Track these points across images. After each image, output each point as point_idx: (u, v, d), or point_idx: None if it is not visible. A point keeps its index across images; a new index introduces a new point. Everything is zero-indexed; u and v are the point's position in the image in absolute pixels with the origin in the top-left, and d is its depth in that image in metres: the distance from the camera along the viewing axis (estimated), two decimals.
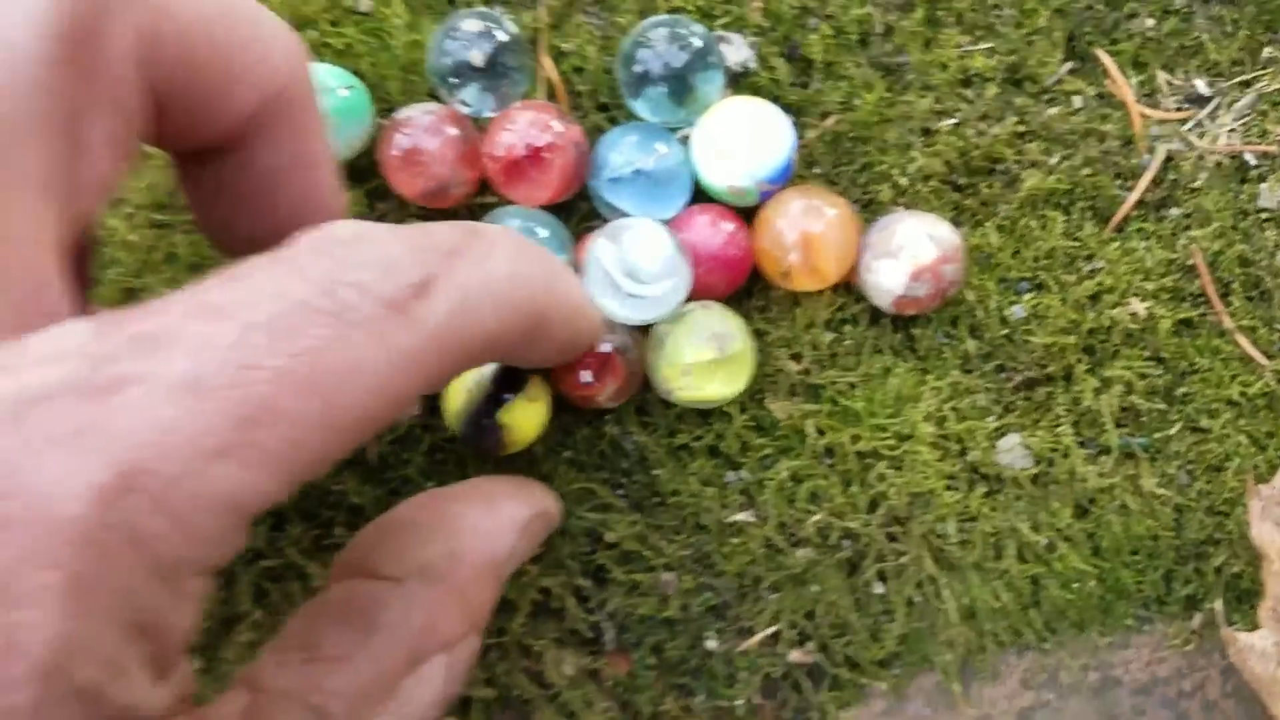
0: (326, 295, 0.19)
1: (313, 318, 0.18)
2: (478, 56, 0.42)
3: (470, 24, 0.42)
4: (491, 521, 0.31)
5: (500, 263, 0.24)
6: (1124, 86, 0.44)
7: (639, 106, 0.43)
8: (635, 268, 0.40)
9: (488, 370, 0.40)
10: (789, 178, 0.42)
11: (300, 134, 0.28)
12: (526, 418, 0.40)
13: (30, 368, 0.17)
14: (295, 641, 0.25)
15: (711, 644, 0.45)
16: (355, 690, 0.25)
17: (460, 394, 0.40)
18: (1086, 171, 0.44)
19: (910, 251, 0.41)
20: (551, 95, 0.44)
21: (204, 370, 0.17)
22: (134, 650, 0.17)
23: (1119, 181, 0.44)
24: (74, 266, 0.21)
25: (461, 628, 0.28)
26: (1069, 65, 0.44)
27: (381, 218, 0.45)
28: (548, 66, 0.44)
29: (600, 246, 0.41)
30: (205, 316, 0.18)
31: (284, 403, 0.17)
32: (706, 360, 0.41)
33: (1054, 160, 0.44)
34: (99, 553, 0.16)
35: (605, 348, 0.41)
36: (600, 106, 0.44)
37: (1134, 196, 0.44)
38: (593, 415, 0.44)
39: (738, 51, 0.43)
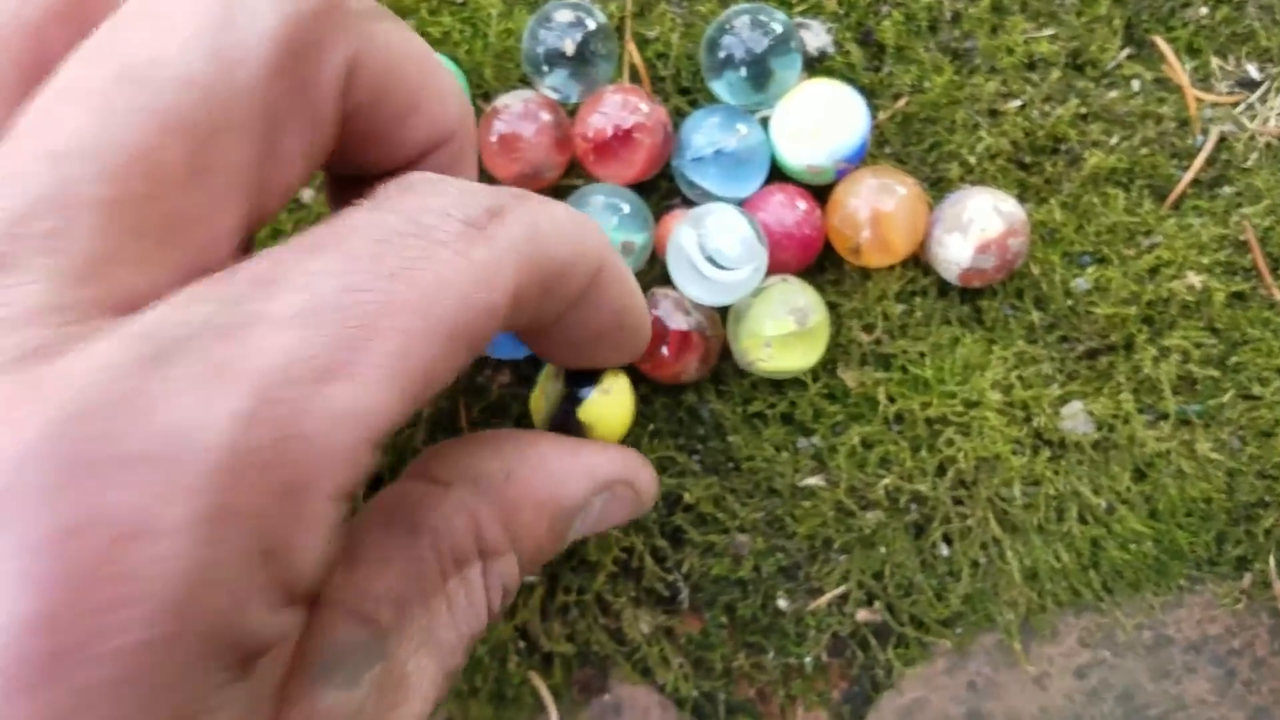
0: (413, 221, 0.20)
1: (404, 240, 0.20)
2: (569, 45, 0.44)
3: (563, 14, 0.44)
4: (565, 463, 0.31)
5: (561, 210, 0.27)
6: (1179, 71, 0.46)
7: (720, 89, 0.45)
8: (717, 253, 0.43)
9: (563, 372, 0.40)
10: (864, 157, 0.44)
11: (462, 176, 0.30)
12: (609, 412, 0.39)
13: (168, 313, 0.18)
14: (343, 547, 0.24)
15: (782, 603, 0.47)
16: (400, 593, 0.24)
17: (542, 401, 0.41)
18: (1144, 151, 0.46)
19: (978, 225, 0.43)
20: (635, 79, 0.46)
21: (314, 300, 0.18)
22: (262, 576, 0.18)
23: (1175, 161, 0.46)
24: (237, 261, 0.22)
25: (504, 543, 0.27)
26: (1127, 51, 0.46)
27: None
28: (633, 52, 0.46)
29: (683, 233, 0.43)
30: (311, 253, 0.19)
31: (386, 319, 0.19)
32: (787, 333, 0.43)
33: (1114, 140, 0.46)
34: (233, 480, 0.17)
35: (685, 326, 0.44)
36: (681, 90, 0.47)
37: (1189, 175, 0.46)
38: (672, 386, 0.46)
39: (816, 37, 0.45)
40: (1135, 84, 0.46)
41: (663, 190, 0.46)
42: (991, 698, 0.47)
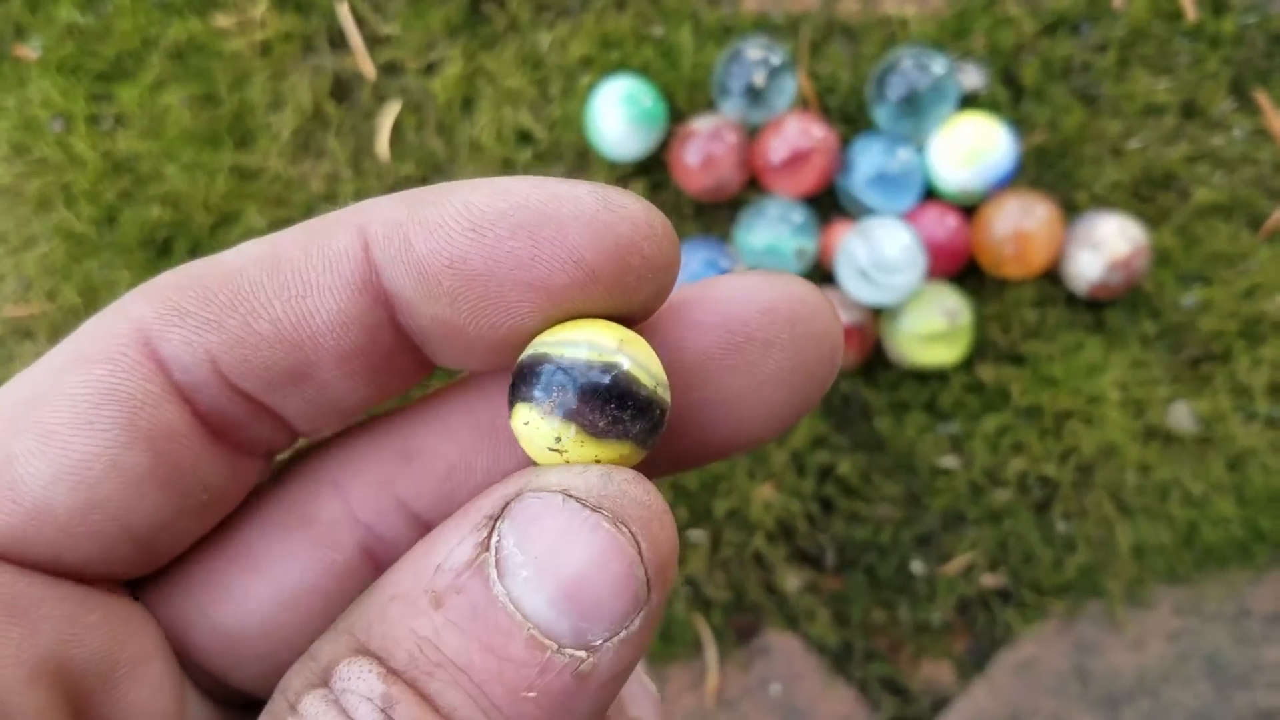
0: None
1: None
2: (759, 78, 0.52)
3: (753, 52, 0.52)
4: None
5: None
6: (1276, 122, 0.54)
7: (883, 119, 0.52)
8: (882, 259, 0.50)
9: None
10: (1009, 182, 0.51)
11: None
12: None
13: None
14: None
15: (916, 567, 0.54)
16: None
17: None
18: (1244, 189, 0.53)
19: (1109, 246, 0.50)
20: (807, 108, 0.54)
21: None
22: None
23: (1269, 199, 0.54)
24: None
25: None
26: (1232, 103, 0.54)
27: (662, 206, 0.54)
28: (807, 85, 0.54)
29: (853, 241, 0.51)
30: None
31: None
32: (939, 330, 0.50)
33: (1217, 179, 0.53)
34: None
35: (847, 322, 0.51)
36: (845, 119, 0.54)
37: None
38: None
39: (971, 78, 0.53)
40: (1237, 132, 0.54)
41: (828, 203, 0.54)
42: (1095, 657, 0.54)
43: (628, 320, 0.17)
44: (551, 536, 0.15)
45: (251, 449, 0.18)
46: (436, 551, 0.16)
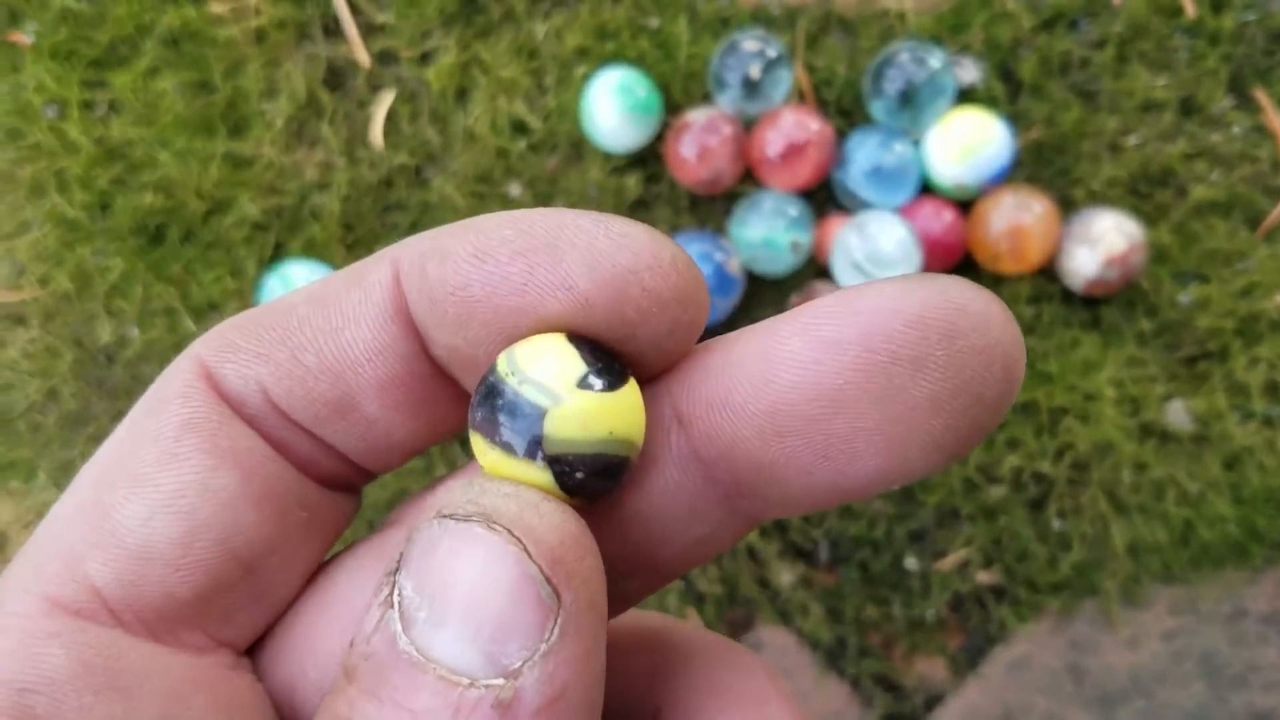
0: None
1: None
2: (755, 70, 0.51)
3: (749, 44, 0.52)
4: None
5: None
6: (1275, 120, 0.54)
7: (880, 113, 0.52)
8: (877, 253, 0.50)
9: None
10: (1005, 178, 0.51)
11: None
12: None
13: None
14: None
15: (910, 563, 0.54)
16: None
17: None
18: (1242, 187, 0.53)
19: (1106, 242, 0.50)
20: (803, 101, 0.54)
21: None
22: None
23: (1268, 197, 0.53)
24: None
25: None
26: (1231, 100, 0.54)
27: (656, 198, 0.54)
28: (803, 78, 0.53)
29: (848, 235, 0.50)
30: None
31: None
32: None
33: (1215, 176, 0.53)
34: None
35: None
36: (842, 112, 0.54)
37: (1279, 210, 0.53)
38: None
39: (968, 72, 0.52)
40: (1236, 129, 0.54)
41: (823, 197, 0.54)
42: (1089, 655, 0.53)
43: (645, 365, 0.16)
44: (438, 564, 0.14)
45: (331, 482, 0.18)
46: (355, 631, 0.15)
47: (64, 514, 0.17)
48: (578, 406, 0.14)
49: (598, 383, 0.15)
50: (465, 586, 0.14)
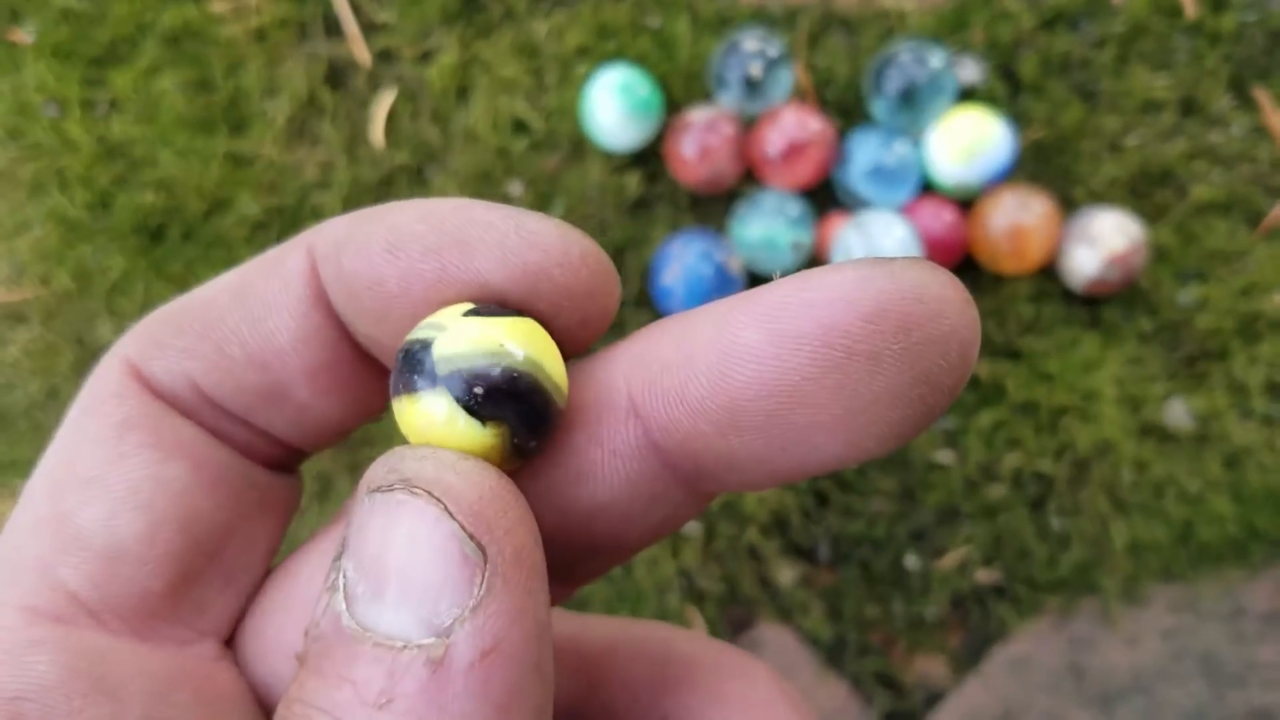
0: None
1: None
2: (756, 69, 0.51)
3: (750, 43, 0.52)
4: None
5: None
6: (1275, 120, 0.54)
7: (880, 112, 0.52)
8: (878, 252, 0.50)
9: None
10: (1007, 177, 0.51)
11: None
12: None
13: None
14: None
15: (910, 562, 0.54)
16: None
17: None
18: (1241, 187, 0.53)
19: (1106, 242, 0.50)
20: (804, 100, 0.54)
21: None
22: None
23: (1268, 196, 0.54)
24: None
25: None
26: (1231, 100, 0.54)
27: (657, 198, 0.54)
28: (803, 77, 0.53)
29: (849, 234, 0.50)
30: None
31: None
32: None
33: (1216, 176, 0.53)
34: None
35: None
36: (843, 111, 0.54)
37: (1278, 210, 0.53)
38: None
39: (969, 72, 0.52)
40: (1236, 129, 0.54)
41: (825, 196, 0.54)
42: (1089, 654, 0.53)
43: (562, 349, 0.16)
44: (369, 539, 0.14)
45: (271, 463, 0.19)
46: (309, 621, 0.15)
47: (23, 526, 0.17)
48: (462, 327, 0.14)
49: (484, 310, 0.15)
50: (395, 555, 0.14)
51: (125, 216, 0.54)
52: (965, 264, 0.53)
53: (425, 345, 0.15)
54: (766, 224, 0.52)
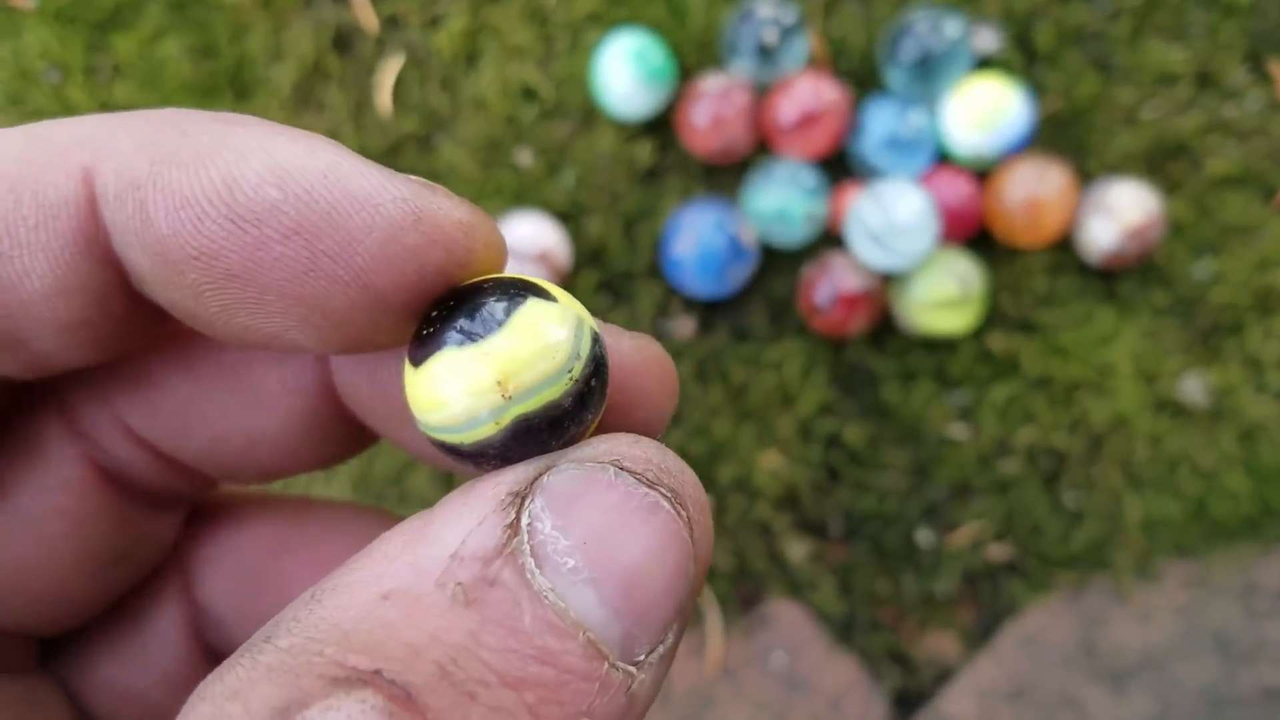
0: None
1: None
2: (770, 36, 0.51)
3: (764, 10, 0.51)
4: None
5: None
6: None
7: (896, 81, 0.51)
8: (894, 223, 0.49)
9: None
10: (1025, 147, 0.51)
11: None
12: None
13: None
14: None
15: (921, 537, 0.53)
16: None
17: None
18: (1256, 161, 0.53)
19: (1124, 214, 0.49)
20: (818, 69, 0.53)
21: None
22: None
23: None
24: None
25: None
26: (1246, 73, 0.53)
27: (669, 168, 0.53)
28: (817, 45, 0.53)
29: (864, 204, 0.50)
30: None
31: None
32: (951, 296, 0.50)
33: (1230, 149, 0.53)
34: None
35: (856, 287, 0.50)
36: (857, 80, 0.53)
37: None
38: (837, 341, 0.53)
39: (986, 40, 0.52)
40: (1250, 102, 0.53)
41: (839, 166, 0.53)
42: (1101, 630, 0.53)
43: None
44: (602, 517, 0.12)
45: None
46: (443, 537, 0.12)
47: None
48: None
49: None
50: (632, 556, 0.12)
51: None
52: (980, 237, 0.52)
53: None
54: (780, 194, 0.51)
